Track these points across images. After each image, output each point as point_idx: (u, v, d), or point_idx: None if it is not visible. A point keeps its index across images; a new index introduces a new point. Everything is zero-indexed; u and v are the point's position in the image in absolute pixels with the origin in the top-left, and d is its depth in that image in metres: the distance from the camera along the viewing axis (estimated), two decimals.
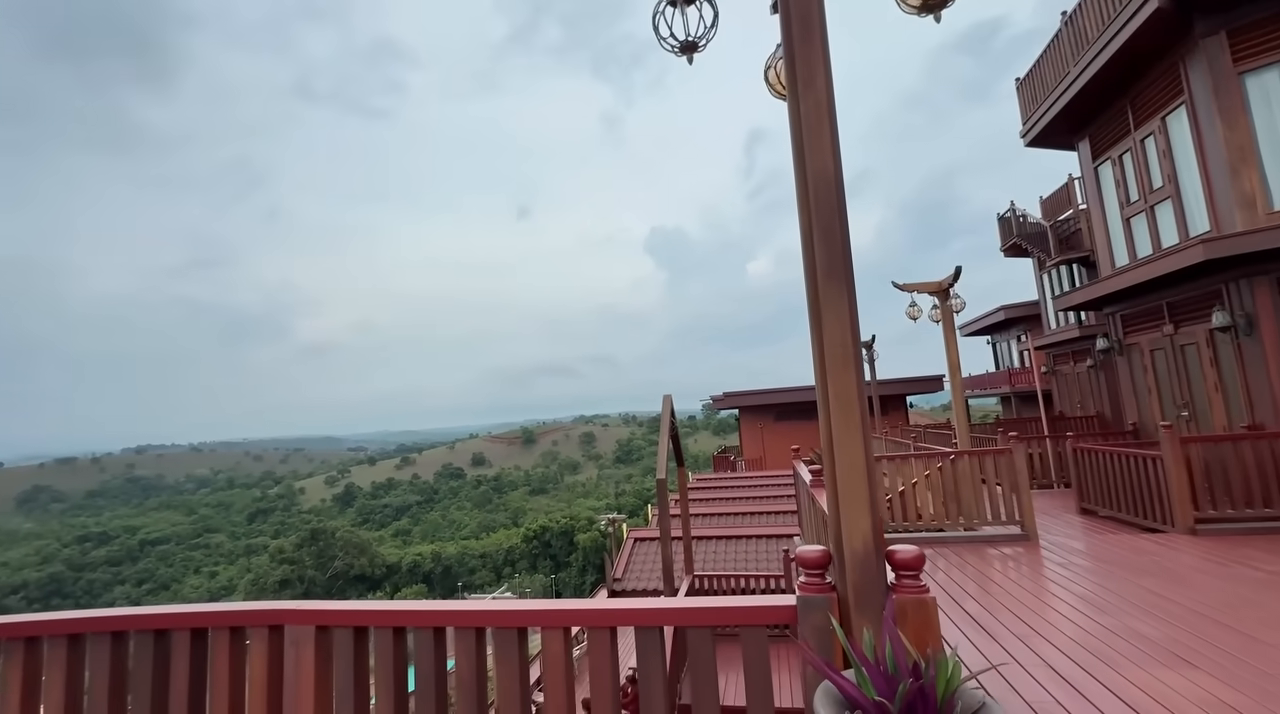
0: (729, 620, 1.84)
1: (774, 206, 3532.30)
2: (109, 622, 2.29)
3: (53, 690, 2.27)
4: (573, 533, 70.16)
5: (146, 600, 73.04)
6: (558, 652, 1.93)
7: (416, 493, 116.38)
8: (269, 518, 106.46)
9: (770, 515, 13.13)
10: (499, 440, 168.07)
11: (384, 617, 2.08)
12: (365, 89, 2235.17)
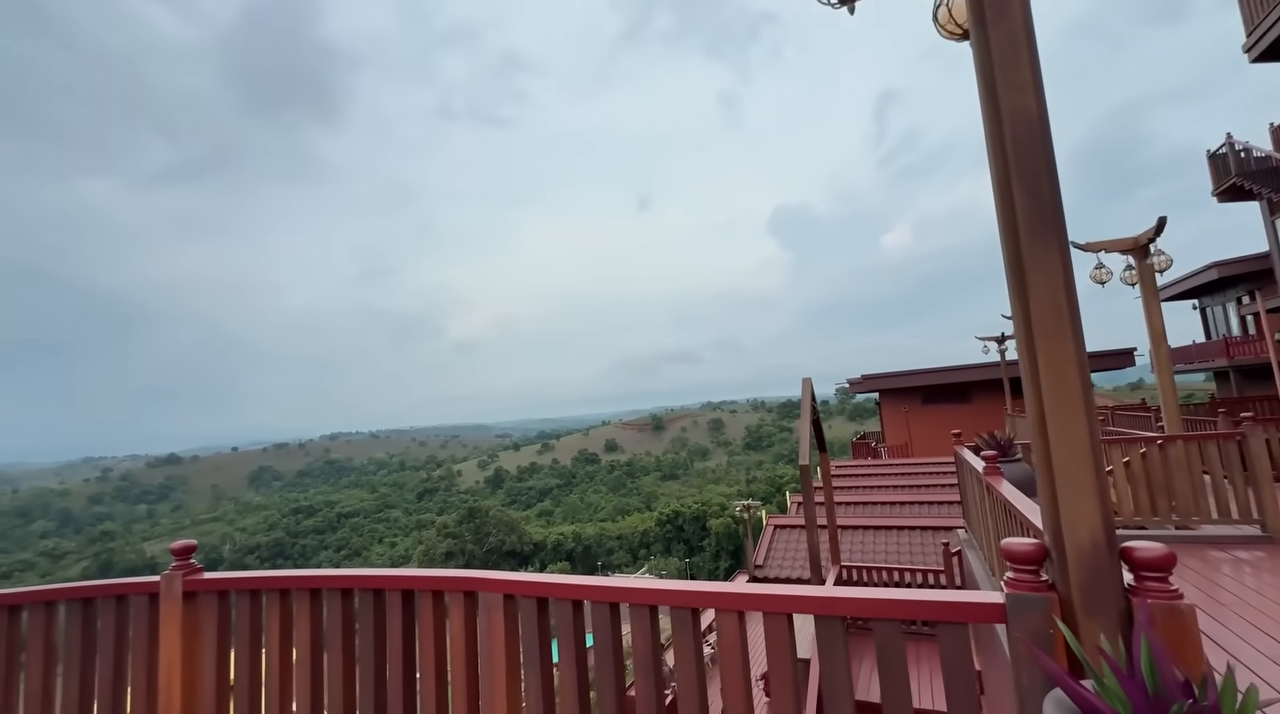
0: (923, 615, 1.70)
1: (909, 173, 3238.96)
2: (338, 580, 2.67)
3: (300, 632, 2.70)
4: (705, 518, 70.66)
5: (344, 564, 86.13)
6: (734, 634, 1.91)
7: (556, 477, 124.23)
8: (434, 497, 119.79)
9: (923, 506, 12.14)
10: (630, 427, 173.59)
11: (564, 589, 2.20)
12: (494, 102, 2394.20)
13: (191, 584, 2.82)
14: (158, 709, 2.79)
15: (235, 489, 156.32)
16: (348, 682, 2.61)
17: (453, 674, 2.43)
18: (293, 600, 2.74)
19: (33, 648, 2.83)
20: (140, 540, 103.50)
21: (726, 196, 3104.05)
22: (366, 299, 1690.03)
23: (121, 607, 2.88)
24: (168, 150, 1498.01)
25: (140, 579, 2.85)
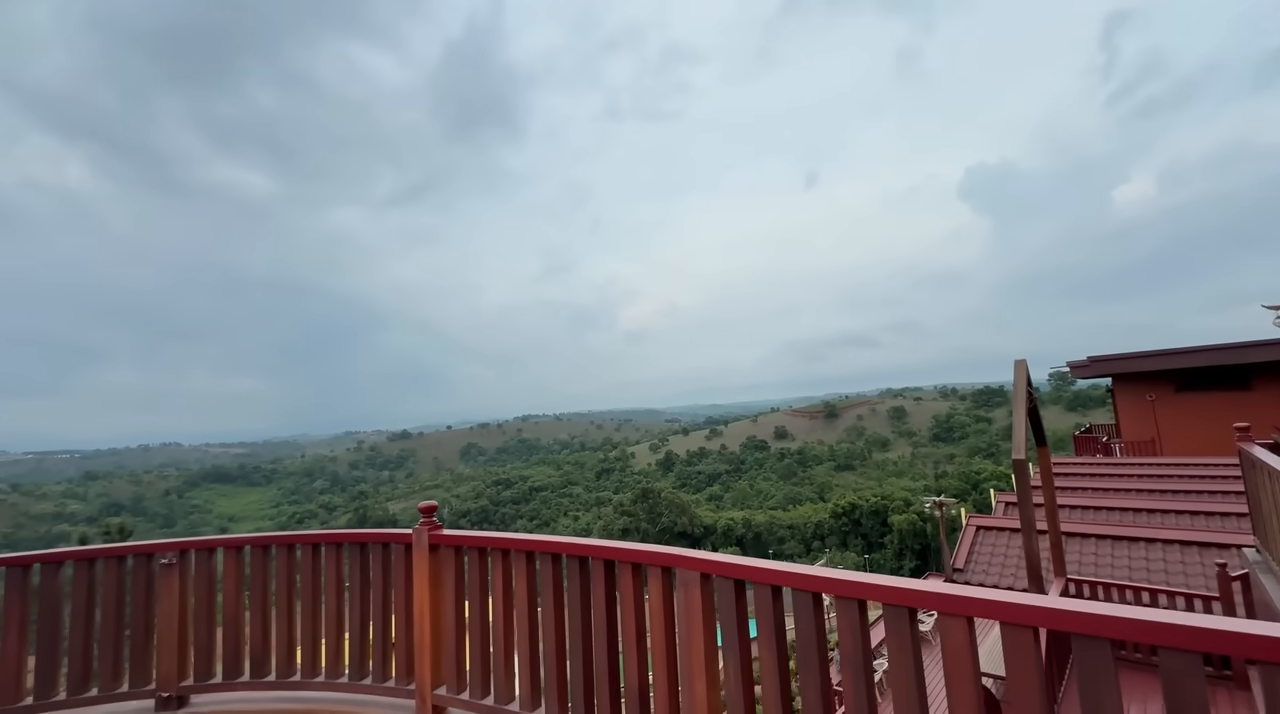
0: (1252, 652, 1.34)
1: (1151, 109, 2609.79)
2: (549, 545, 2.94)
3: (519, 588, 3.03)
4: (886, 513, 65.65)
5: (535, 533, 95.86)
6: (961, 642, 1.70)
7: (725, 462, 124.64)
8: (610, 477, 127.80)
9: (1182, 515, 9.86)
10: (800, 414, 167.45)
11: (764, 574, 2.17)
12: (658, 97, 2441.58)
13: (435, 538, 3.32)
14: (413, 636, 3.35)
15: (450, 461, 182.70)
16: (559, 636, 2.87)
17: (651, 643, 2.54)
18: (512, 560, 3.08)
19: (329, 577, 3.57)
20: (385, 500, 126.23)
21: (907, 163, 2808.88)
22: (549, 294, 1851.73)
23: (386, 552, 3.49)
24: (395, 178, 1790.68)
25: (399, 530, 3.43)
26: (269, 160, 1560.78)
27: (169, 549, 3.60)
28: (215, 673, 3.63)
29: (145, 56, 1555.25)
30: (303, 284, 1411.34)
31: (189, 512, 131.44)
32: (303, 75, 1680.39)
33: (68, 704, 3.48)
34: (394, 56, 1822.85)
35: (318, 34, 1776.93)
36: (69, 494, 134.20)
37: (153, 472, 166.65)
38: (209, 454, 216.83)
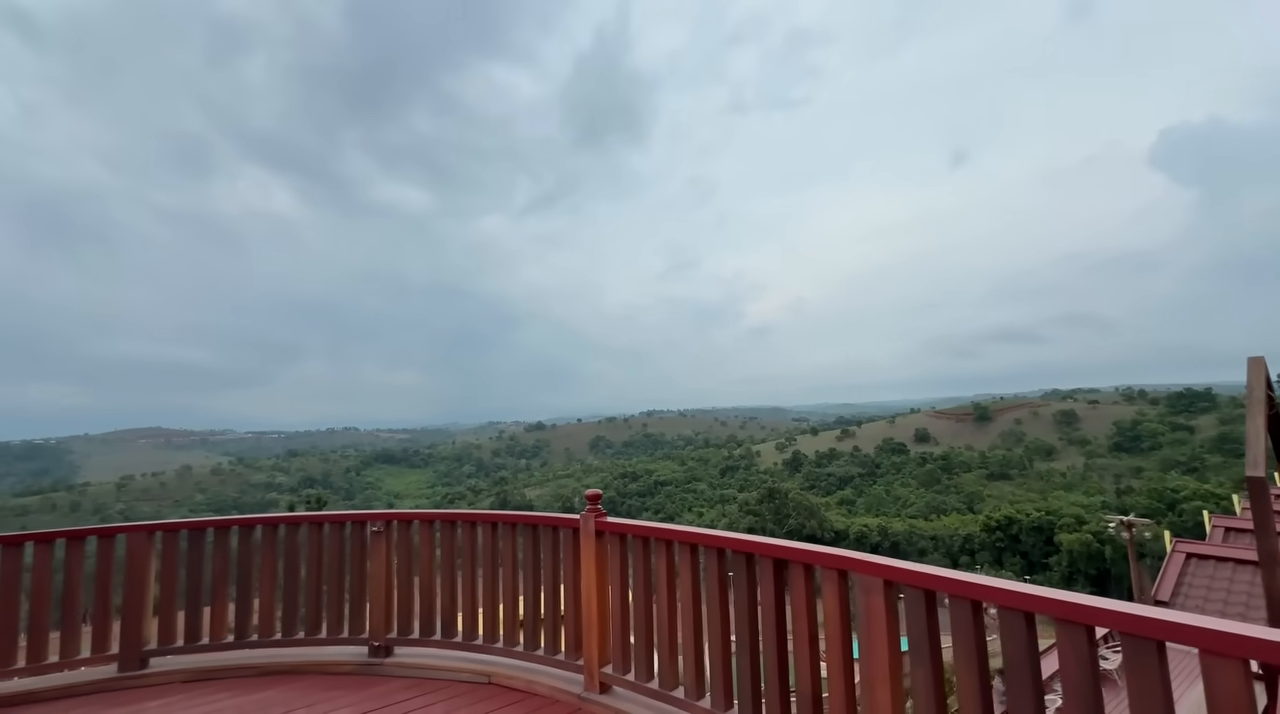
0: None
1: None
2: (713, 539, 2.98)
3: (683, 580, 3.11)
4: (1051, 530, 58.06)
5: None
6: (1236, 690, 1.46)
7: (858, 465, 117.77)
8: (734, 475, 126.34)
9: None
10: (945, 416, 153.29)
11: (960, 586, 2.02)
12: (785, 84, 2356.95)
13: (600, 525, 3.51)
14: (581, 615, 3.57)
15: (580, 453, 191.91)
16: (724, 631, 2.90)
17: (827, 646, 2.48)
18: (675, 551, 3.17)
19: (506, 554, 3.93)
20: (522, 486, 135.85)
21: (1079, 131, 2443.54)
22: (672, 291, 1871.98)
23: (555, 535, 3.76)
24: (530, 187, 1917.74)
25: (568, 516, 3.68)
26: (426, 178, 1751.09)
27: (378, 519, 4.18)
28: (413, 629, 4.15)
29: (332, 96, 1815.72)
30: (453, 288, 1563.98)
31: (364, 487, 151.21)
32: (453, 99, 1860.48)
33: (306, 642, 4.18)
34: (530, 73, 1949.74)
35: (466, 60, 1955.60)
36: (277, 468, 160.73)
37: (337, 452, 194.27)
38: (379, 438, 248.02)
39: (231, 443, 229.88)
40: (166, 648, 4.13)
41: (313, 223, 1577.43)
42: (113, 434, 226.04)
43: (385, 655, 4.07)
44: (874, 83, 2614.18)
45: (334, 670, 4.04)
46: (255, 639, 4.17)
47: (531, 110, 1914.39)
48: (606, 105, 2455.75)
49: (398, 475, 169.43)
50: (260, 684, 3.94)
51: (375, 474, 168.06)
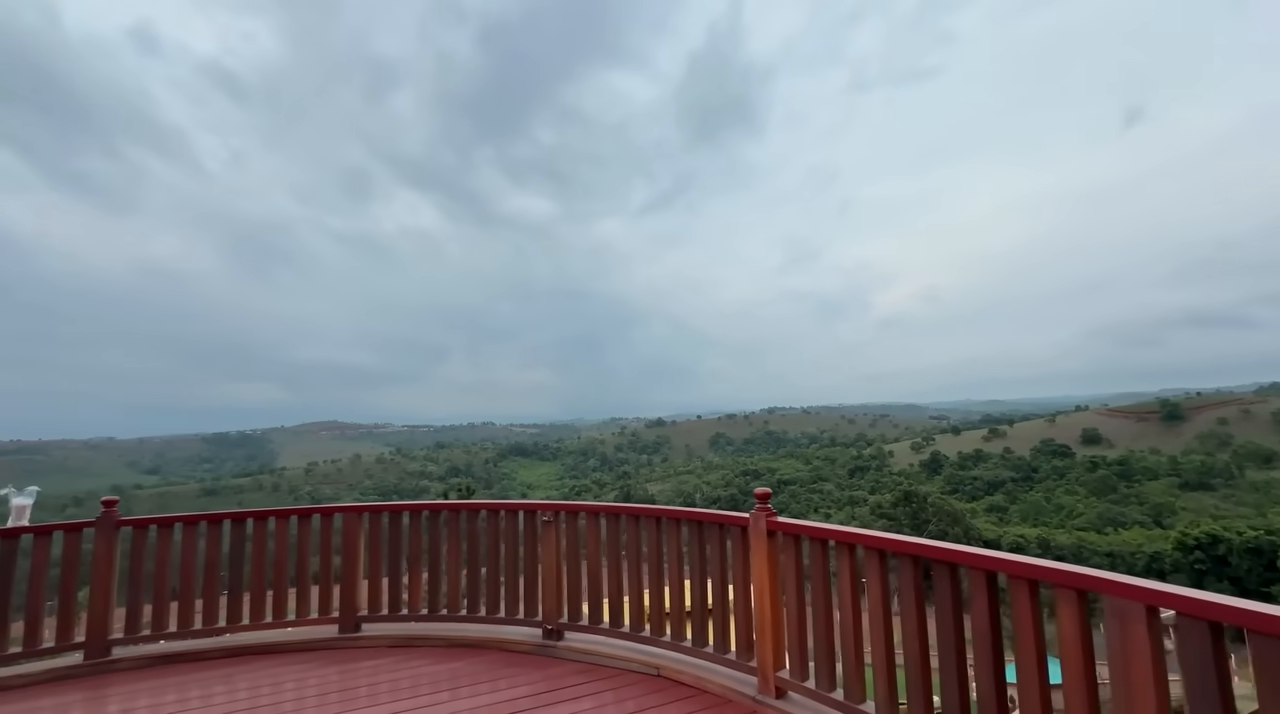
0: None
1: None
2: (902, 545, 2.76)
3: (871, 588, 2.93)
4: (1274, 553, 48.05)
5: None
6: None
7: (1010, 468, 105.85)
8: (865, 475, 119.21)
9: None
10: (1121, 414, 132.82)
11: (1265, 621, 1.66)
12: (914, 54, 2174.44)
13: (772, 525, 3.41)
14: (750, 615, 3.50)
15: (700, 449, 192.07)
16: (921, 646, 2.67)
17: (1066, 676, 2.18)
18: (860, 556, 2.98)
19: (670, 549, 3.97)
20: (645, 481, 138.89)
21: None
22: (793, 285, 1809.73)
23: (721, 532, 3.72)
24: (647, 189, 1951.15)
25: (736, 514, 3.62)
26: (549, 187, 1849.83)
27: (548, 509, 4.41)
28: (582, 616, 4.33)
29: (467, 119, 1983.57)
30: (576, 290, 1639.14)
31: (501, 478, 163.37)
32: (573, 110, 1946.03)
33: (488, 619, 4.53)
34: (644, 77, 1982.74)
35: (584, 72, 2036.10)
36: (428, 458, 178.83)
37: (477, 445, 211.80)
38: (512, 432, 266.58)
39: (391, 435, 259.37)
40: (375, 615, 4.69)
41: (453, 236, 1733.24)
42: (301, 426, 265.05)
43: (558, 639, 4.29)
44: (1020, 40, 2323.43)
45: (513, 649, 4.33)
46: (445, 614, 4.59)
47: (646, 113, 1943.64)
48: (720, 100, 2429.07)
49: (529, 467, 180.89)
50: (451, 655, 4.33)
51: (510, 465, 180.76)
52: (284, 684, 4.02)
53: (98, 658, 4.24)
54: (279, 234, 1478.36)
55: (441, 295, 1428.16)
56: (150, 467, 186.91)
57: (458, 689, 3.82)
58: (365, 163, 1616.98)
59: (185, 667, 4.29)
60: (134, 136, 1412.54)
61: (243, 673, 4.17)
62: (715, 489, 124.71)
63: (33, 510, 4.35)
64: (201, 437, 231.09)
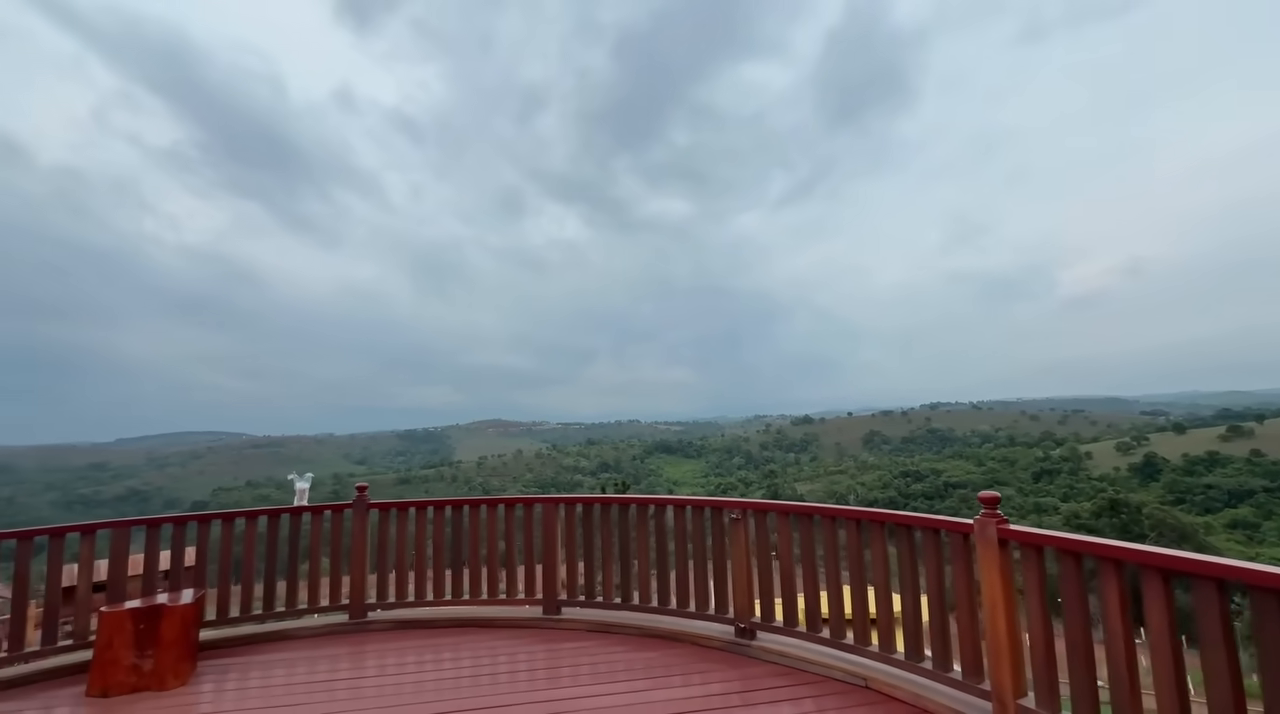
0: None
1: None
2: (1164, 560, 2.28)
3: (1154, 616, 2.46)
4: None
5: None
6: None
7: (1263, 476, 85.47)
8: (1054, 479, 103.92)
9: None
10: None
11: None
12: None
13: (1004, 533, 3.03)
14: (980, 633, 3.14)
15: (852, 448, 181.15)
16: (1237, 697, 2.18)
17: None
18: (1125, 575, 2.54)
19: (875, 554, 3.71)
20: (793, 480, 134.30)
21: None
22: (955, 265, 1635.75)
23: (936, 538, 3.40)
24: (785, 180, 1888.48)
25: (956, 520, 3.28)
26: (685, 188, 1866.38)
27: (736, 507, 4.38)
28: (775, 617, 4.23)
29: (606, 131, 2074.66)
30: (716, 288, 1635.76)
31: (648, 474, 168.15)
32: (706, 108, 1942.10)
33: (678, 613, 4.62)
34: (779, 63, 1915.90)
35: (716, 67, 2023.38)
36: (580, 454, 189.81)
37: (624, 441, 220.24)
38: (657, 430, 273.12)
39: (547, 432, 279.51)
40: (573, 600, 5.01)
41: (596, 243, 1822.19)
42: (472, 424, 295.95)
43: (750, 638, 4.23)
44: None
45: (705, 644, 4.36)
46: (637, 603, 4.76)
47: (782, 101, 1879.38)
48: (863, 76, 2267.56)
49: (675, 464, 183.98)
50: (645, 644, 4.48)
51: (655, 462, 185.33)
52: (499, 656, 4.44)
53: (358, 618, 5.04)
54: (450, 254, 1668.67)
55: (588, 300, 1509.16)
56: (359, 458, 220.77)
57: (654, 678, 3.92)
58: (517, 182, 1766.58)
59: (421, 632, 4.93)
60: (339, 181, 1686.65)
61: (466, 642, 4.68)
62: (871, 491, 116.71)
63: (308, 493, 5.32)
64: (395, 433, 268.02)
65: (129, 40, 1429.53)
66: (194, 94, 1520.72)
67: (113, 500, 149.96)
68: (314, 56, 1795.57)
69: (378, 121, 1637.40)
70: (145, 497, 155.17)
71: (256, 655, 4.55)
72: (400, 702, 3.71)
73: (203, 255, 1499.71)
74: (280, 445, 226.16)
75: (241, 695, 3.95)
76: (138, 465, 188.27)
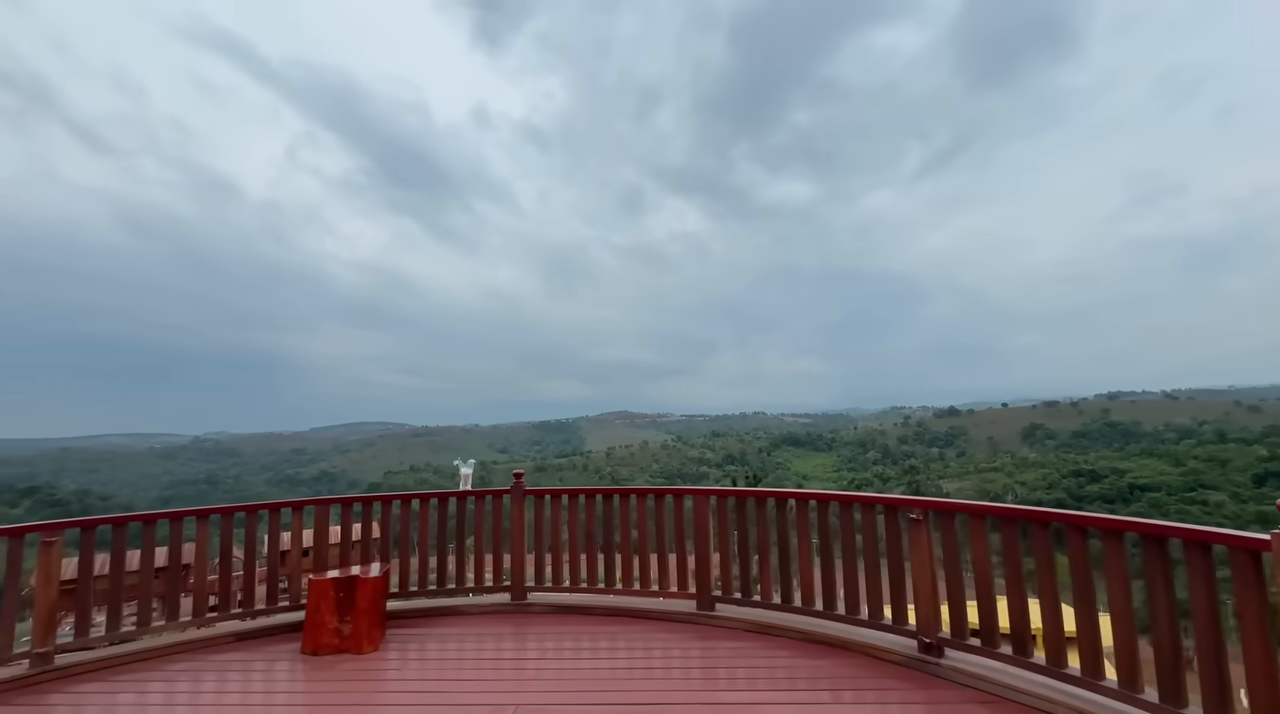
0: None
1: None
2: None
3: None
4: None
5: None
6: None
7: None
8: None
9: None
10: None
11: None
12: None
13: None
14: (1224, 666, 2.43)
15: (1009, 443, 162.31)
16: None
17: None
18: None
19: (1112, 568, 3.06)
20: (937, 477, 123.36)
21: None
22: (1140, 231, 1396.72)
23: (1203, 553, 2.71)
24: (921, 151, 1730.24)
25: (1243, 534, 2.58)
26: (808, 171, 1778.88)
27: (915, 506, 3.87)
28: (966, 633, 3.68)
29: (724, 120, 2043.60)
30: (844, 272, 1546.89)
31: (774, 467, 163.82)
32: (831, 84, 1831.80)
33: (847, 619, 4.21)
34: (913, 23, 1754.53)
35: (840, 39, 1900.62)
36: (705, 446, 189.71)
37: (749, 434, 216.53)
38: (783, 422, 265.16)
39: (672, 424, 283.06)
40: (727, 596, 4.79)
41: (717, 233, 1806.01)
42: (600, 416, 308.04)
43: (938, 655, 3.72)
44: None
45: (882, 656, 3.92)
46: (799, 605, 4.43)
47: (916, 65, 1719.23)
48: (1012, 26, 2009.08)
49: (803, 458, 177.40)
50: (811, 650, 4.13)
51: (783, 455, 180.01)
52: (653, 650, 4.34)
53: (519, 600, 5.24)
54: (576, 254, 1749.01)
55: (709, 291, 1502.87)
56: (501, 447, 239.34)
57: (826, 690, 3.58)
58: (637, 180, 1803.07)
59: (579, 618, 5.00)
60: (478, 192, 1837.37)
61: (623, 633, 4.65)
62: (1034, 491, 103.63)
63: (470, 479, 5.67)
64: (531, 424, 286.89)
65: (311, 87, 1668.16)
66: (360, 127, 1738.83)
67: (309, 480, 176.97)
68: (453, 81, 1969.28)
69: (508, 134, 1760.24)
70: (333, 477, 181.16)
71: (432, 628, 4.88)
72: (562, 688, 3.73)
73: (370, 268, 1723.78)
74: (435, 434, 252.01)
75: (423, 666, 4.23)
76: (326, 450, 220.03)
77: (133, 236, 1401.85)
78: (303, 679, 4.03)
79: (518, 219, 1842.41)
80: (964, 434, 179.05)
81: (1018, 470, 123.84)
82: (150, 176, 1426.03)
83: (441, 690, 3.78)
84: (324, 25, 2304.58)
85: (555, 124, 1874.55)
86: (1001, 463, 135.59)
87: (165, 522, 4.61)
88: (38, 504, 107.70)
